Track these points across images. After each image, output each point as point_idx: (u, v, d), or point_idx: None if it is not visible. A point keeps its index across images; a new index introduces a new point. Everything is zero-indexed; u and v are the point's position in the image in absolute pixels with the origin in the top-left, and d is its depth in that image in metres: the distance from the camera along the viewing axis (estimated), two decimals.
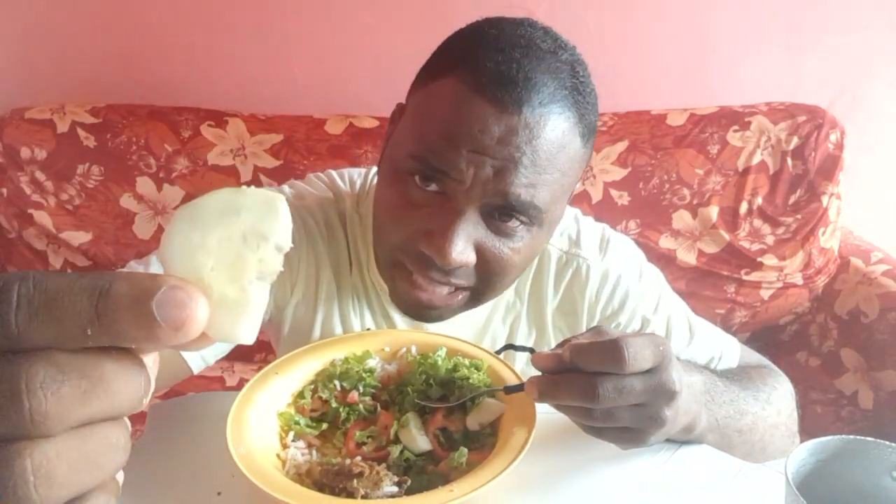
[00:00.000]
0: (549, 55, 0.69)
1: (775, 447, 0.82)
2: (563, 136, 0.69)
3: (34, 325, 0.26)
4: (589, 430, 0.64)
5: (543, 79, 0.67)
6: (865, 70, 1.79)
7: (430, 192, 0.71)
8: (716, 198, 1.66)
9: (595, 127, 0.76)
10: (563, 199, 0.76)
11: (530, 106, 0.66)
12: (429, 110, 0.71)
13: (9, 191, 1.64)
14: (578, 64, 0.73)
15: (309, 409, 0.72)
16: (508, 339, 0.92)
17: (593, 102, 0.74)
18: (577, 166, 0.74)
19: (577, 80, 0.71)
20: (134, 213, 1.67)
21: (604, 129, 1.67)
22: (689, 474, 0.68)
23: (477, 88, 0.67)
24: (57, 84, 1.81)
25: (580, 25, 1.75)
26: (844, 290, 1.64)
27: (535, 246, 0.76)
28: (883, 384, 1.50)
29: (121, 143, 1.66)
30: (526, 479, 0.63)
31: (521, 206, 0.69)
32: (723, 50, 1.79)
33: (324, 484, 0.62)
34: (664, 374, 0.60)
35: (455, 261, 0.69)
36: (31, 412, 0.25)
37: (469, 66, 0.69)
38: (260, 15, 1.76)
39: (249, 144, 1.67)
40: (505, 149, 0.67)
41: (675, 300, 0.94)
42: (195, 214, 0.30)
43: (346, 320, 0.89)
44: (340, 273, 0.88)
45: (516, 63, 0.67)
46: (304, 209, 0.87)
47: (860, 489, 0.54)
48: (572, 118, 0.70)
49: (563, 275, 0.90)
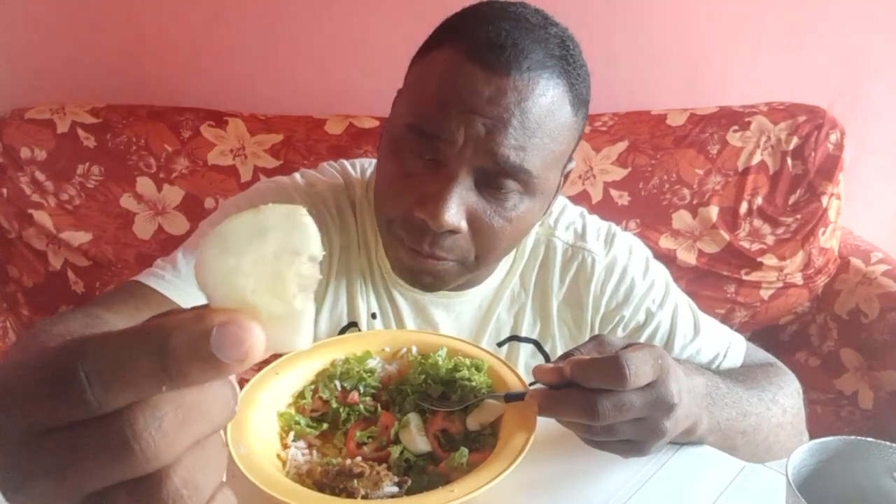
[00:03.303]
0: (538, 28, 0.72)
1: (781, 446, 0.82)
2: (552, 101, 0.71)
3: (112, 395, 0.28)
4: (590, 442, 0.65)
5: (532, 46, 0.70)
6: (865, 70, 1.79)
7: (424, 160, 0.73)
8: (716, 198, 1.66)
9: (587, 100, 0.77)
10: (554, 167, 0.77)
11: (518, 69, 0.69)
12: (422, 81, 0.75)
13: (9, 191, 1.64)
14: (569, 39, 0.75)
15: (309, 409, 0.72)
16: (513, 329, 0.93)
17: (584, 76, 0.76)
18: (568, 134, 0.75)
19: (566, 52, 0.73)
20: (134, 214, 1.67)
21: (604, 129, 1.67)
22: (690, 474, 0.68)
23: (467, 55, 0.70)
24: (57, 84, 1.80)
25: (580, 25, 1.74)
26: (844, 290, 1.64)
27: (527, 217, 0.78)
28: (883, 384, 1.50)
29: (121, 143, 1.66)
30: (526, 479, 0.63)
31: (512, 168, 0.71)
32: (723, 50, 1.79)
33: (324, 484, 0.62)
34: (663, 388, 0.60)
35: (447, 222, 0.71)
36: (144, 454, 0.27)
37: (460, 37, 0.72)
38: (260, 15, 1.76)
39: (249, 144, 1.67)
40: (494, 109, 0.69)
41: (681, 296, 0.94)
42: (223, 241, 0.31)
43: (352, 302, 0.90)
44: (350, 257, 0.90)
45: (505, 31, 0.70)
46: (315, 196, 0.89)
47: (861, 490, 0.54)
48: (561, 85, 0.72)
49: (568, 267, 0.90)
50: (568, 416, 0.61)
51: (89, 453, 0.28)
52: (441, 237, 0.74)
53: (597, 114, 1.71)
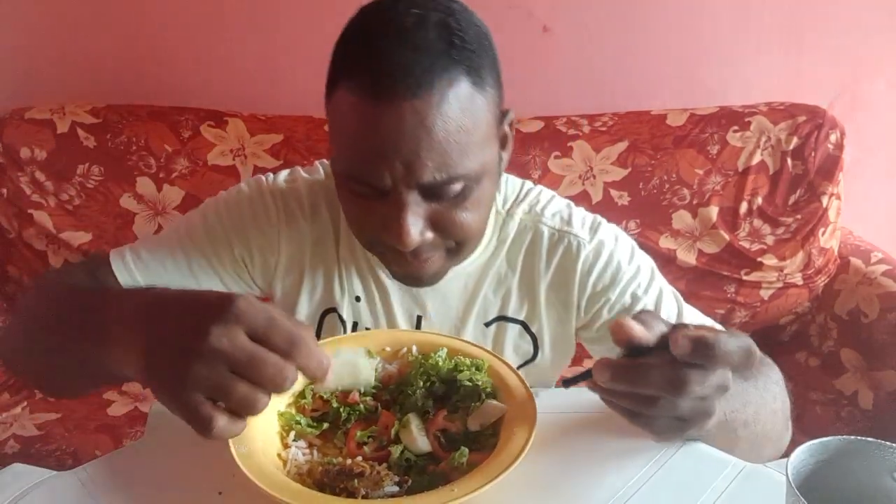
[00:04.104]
0: (414, 29, 0.70)
1: (778, 436, 0.81)
2: (454, 101, 0.70)
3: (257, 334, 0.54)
4: (635, 417, 0.61)
5: (415, 58, 0.69)
6: (865, 70, 1.79)
7: (372, 191, 0.75)
8: (716, 198, 1.66)
9: (487, 63, 0.75)
10: (486, 145, 0.76)
11: (409, 89, 0.68)
12: (335, 128, 0.76)
13: (9, 191, 1.64)
14: (451, 17, 0.72)
15: (310, 408, 0.72)
16: (501, 310, 0.94)
17: (476, 43, 0.73)
18: (484, 114, 0.75)
19: (450, 36, 0.71)
20: (134, 213, 1.67)
21: (604, 129, 1.68)
22: (690, 474, 0.68)
23: (361, 94, 0.70)
24: (57, 84, 1.81)
25: (580, 25, 1.75)
26: (844, 290, 1.64)
27: (484, 197, 0.79)
28: (883, 384, 1.50)
29: (121, 143, 1.66)
30: (526, 479, 0.63)
31: (444, 182, 0.72)
32: (723, 50, 1.79)
33: (324, 484, 0.62)
34: (725, 371, 0.59)
35: (413, 242, 0.74)
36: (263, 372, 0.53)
37: (348, 74, 0.72)
38: (260, 15, 1.76)
39: (249, 145, 1.67)
40: (403, 143, 0.69)
41: (665, 285, 0.94)
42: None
43: (329, 289, 0.94)
44: (325, 248, 0.93)
45: (385, 56, 0.69)
46: (290, 192, 0.93)
47: (861, 490, 0.54)
48: (456, 76, 0.70)
49: (555, 251, 0.91)
50: (650, 389, 0.58)
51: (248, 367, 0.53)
52: (417, 249, 0.77)
53: (597, 114, 1.71)
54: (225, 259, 0.91)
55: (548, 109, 1.73)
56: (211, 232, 0.90)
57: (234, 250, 0.91)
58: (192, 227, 0.91)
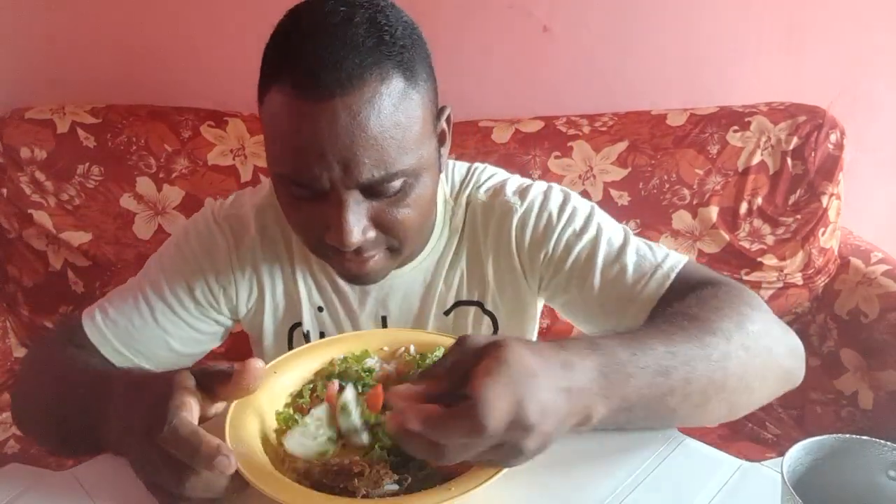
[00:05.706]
0: (342, 25, 0.70)
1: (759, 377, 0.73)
2: (387, 96, 0.70)
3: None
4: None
5: (343, 53, 0.68)
6: (865, 70, 1.79)
7: (311, 193, 0.74)
8: (716, 198, 1.66)
9: (419, 58, 0.75)
10: (423, 140, 0.76)
11: (340, 86, 0.68)
12: (270, 129, 0.75)
13: (9, 191, 1.65)
14: (379, 12, 0.72)
15: (308, 408, 0.72)
16: (457, 296, 0.94)
17: (407, 38, 0.73)
18: (418, 110, 0.74)
19: (380, 33, 0.71)
20: (134, 214, 1.67)
21: (604, 129, 1.68)
22: (687, 473, 0.68)
23: (293, 93, 0.70)
24: (57, 84, 1.81)
25: (580, 25, 1.75)
26: (844, 291, 1.64)
27: (426, 192, 0.79)
28: (883, 384, 1.50)
29: (121, 143, 1.66)
30: (525, 478, 0.63)
31: (382, 179, 0.72)
32: (723, 50, 1.79)
33: (324, 483, 0.62)
34: (520, 411, 0.53)
35: (355, 242, 0.74)
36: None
37: (281, 72, 0.72)
38: (259, 15, 1.75)
39: (249, 144, 1.67)
40: (338, 140, 0.69)
41: (608, 223, 0.90)
42: None
43: (291, 305, 0.95)
44: (280, 265, 0.94)
45: (315, 53, 0.69)
46: (235, 217, 0.93)
47: (856, 488, 0.54)
48: (387, 71, 0.70)
49: (489, 222, 0.92)
50: (415, 454, 0.56)
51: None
52: (359, 248, 0.77)
53: (597, 114, 1.71)
54: (187, 303, 0.91)
55: (548, 109, 1.73)
56: (170, 279, 0.91)
57: (194, 292, 0.91)
58: (153, 278, 0.91)
